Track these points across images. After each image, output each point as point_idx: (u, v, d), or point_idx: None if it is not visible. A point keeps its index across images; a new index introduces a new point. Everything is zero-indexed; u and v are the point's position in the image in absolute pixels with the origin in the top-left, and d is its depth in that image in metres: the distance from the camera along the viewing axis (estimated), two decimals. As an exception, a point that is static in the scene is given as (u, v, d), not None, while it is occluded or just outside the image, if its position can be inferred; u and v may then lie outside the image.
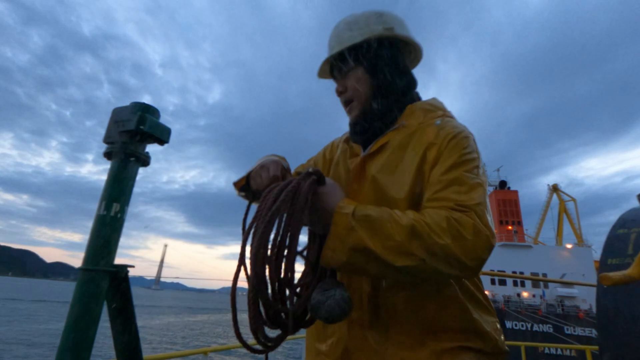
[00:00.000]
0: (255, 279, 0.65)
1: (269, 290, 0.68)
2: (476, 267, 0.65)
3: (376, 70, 0.89)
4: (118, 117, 0.87)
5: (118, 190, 0.86)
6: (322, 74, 1.03)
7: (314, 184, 0.73)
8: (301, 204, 0.68)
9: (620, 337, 1.01)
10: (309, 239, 0.84)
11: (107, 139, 0.87)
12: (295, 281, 0.72)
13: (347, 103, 0.94)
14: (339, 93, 0.95)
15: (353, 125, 0.94)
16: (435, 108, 0.90)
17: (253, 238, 0.68)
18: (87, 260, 0.85)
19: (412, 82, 0.94)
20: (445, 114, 0.88)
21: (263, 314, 0.69)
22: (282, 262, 0.68)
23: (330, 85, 1.03)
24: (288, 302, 0.70)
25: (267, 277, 0.67)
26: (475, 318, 0.76)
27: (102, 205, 0.85)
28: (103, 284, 0.84)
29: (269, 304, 0.68)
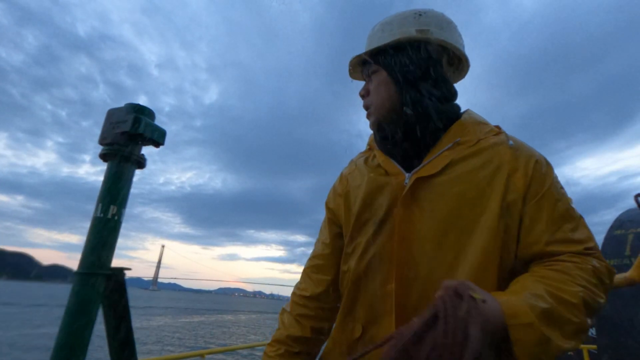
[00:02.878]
0: None
1: None
2: None
3: (399, 76, 0.80)
4: (113, 118, 0.86)
5: (114, 193, 0.85)
6: (354, 75, 0.96)
7: (477, 309, 0.48)
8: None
9: (619, 338, 1.01)
10: None
11: (103, 141, 0.86)
12: None
13: (366, 108, 0.88)
14: (361, 96, 0.89)
15: (377, 130, 0.86)
16: (486, 122, 0.82)
17: None
18: (83, 263, 0.84)
19: (449, 93, 0.83)
20: (501, 130, 0.79)
21: None
22: None
23: (327, 86, 0.97)
24: None
25: None
26: None
27: (99, 207, 0.84)
28: (99, 287, 0.84)
29: None
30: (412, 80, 0.80)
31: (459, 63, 0.88)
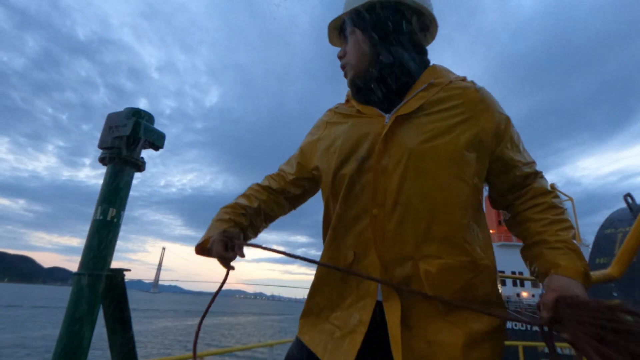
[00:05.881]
0: None
1: None
2: None
3: (372, 33, 0.88)
4: (112, 122, 0.88)
5: (114, 195, 0.87)
6: (333, 41, 1.03)
7: None
8: None
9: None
10: None
11: (102, 145, 0.88)
12: None
13: (342, 68, 0.96)
14: (339, 57, 0.97)
15: (353, 84, 0.92)
16: (453, 72, 0.91)
17: None
18: (83, 264, 0.86)
19: (419, 46, 0.91)
20: (466, 79, 0.89)
21: None
22: None
23: (326, 87, 0.99)
24: None
25: None
26: (499, 291, 0.81)
27: (98, 210, 0.86)
28: (99, 288, 0.85)
29: None
30: (385, 35, 0.88)
31: (428, 25, 0.96)
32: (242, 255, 0.87)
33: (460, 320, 0.75)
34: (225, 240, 0.87)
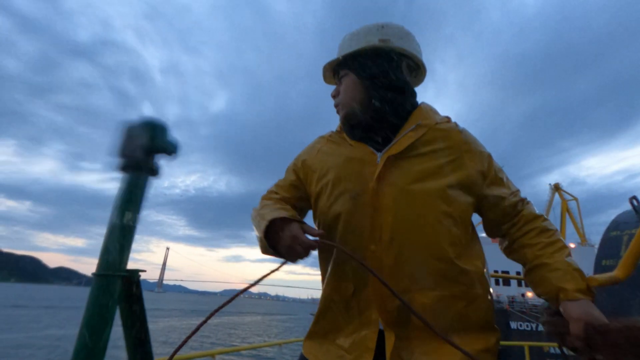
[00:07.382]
0: None
1: None
2: None
3: (364, 77, 0.93)
4: (129, 132, 0.91)
5: (131, 200, 0.90)
6: (328, 80, 1.08)
7: None
8: None
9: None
10: None
11: (120, 153, 0.91)
12: None
13: (335, 106, 1.01)
14: (333, 97, 1.02)
15: (346, 122, 0.98)
16: (439, 113, 0.97)
17: None
18: (101, 266, 0.89)
19: (408, 90, 0.95)
20: (450, 120, 0.95)
21: None
22: None
23: (329, 88, 1.07)
24: None
25: None
26: (493, 315, 0.85)
27: (115, 213, 0.89)
28: (116, 288, 0.88)
29: None
30: (376, 79, 0.92)
31: (417, 69, 1.01)
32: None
33: (459, 341, 0.79)
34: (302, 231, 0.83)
